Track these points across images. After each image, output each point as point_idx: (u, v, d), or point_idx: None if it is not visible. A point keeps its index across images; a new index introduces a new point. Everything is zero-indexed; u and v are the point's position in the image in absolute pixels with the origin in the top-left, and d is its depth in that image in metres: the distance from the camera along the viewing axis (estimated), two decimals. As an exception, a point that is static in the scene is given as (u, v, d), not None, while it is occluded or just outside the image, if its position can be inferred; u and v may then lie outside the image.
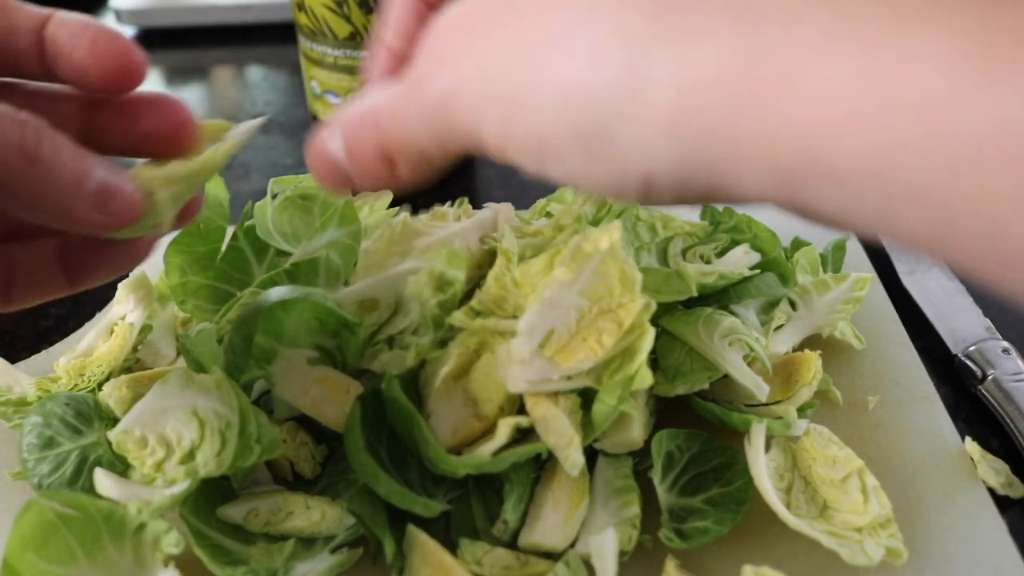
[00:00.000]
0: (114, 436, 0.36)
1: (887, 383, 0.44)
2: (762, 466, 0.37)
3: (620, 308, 0.34)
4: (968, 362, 0.46)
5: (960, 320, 0.49)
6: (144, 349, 0.47)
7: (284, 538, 0.36)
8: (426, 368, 0.38)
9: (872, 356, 0.46)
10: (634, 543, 0.35)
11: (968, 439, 0.40)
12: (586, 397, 0.36)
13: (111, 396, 0.40)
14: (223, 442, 0.34)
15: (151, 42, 0.97)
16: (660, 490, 0.37)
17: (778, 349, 0.44)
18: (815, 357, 0.41)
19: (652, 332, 0.34)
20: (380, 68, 0.32)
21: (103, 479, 0.36)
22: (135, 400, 0.38)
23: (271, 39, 0.98)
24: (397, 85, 0.28)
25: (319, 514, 0.35)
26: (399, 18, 0.31)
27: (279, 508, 0.36)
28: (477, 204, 0.50)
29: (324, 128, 0.30)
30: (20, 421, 0.42)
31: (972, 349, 0.46)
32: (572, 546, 0.36)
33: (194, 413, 0.35)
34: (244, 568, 0.33)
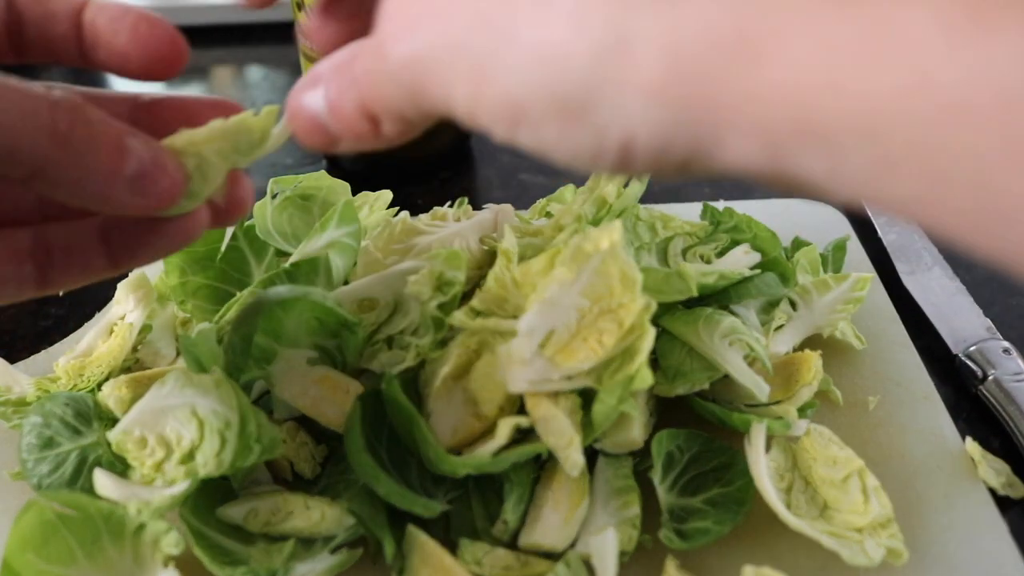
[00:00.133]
0: (114, 436, 0.36)
1: (888, 383, 0.44)
2: (762, 466, 0.36)
3: (620, 308, 0.34)
4: (969, 362, 0.45)
5: (961, 320, 0.49)
6: (144, 349, 0.47)
7: (284, 538, 0.36)
8: (426, 368, 0.38)
9: (873, 356, 0.46)
10: (634, 543, 0.35)
11: (969, 439, 0.40)
12: (586, 397, 0.36)
13: (110, 396, 0.40)
14: (223, 442, 0.34)
15: (151, 42, 0.97)
16: (660, 490, 0.37)
17: (778, 349, 0.43)
18: (815, 357, 0.41)
19: (652, 332, 0.34)
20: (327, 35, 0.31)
21: (103, 479, 0.36)
22: (134, 400, 0.38)
23: (271, 39, 0.98)
24: (368, 39, 0.26)
25: (319, 514, 0.35)
26: None
27: (279, 508, 0.36)
28: (477, 204, 0.50)
29: (302, 84, 0.28)
30: (20, 421, 0.41)
31: (973, 349, 0.46)
32: (572, 546, 0.35)
33: (193, 413, 0.35)
34: (244, 568, 0.33)
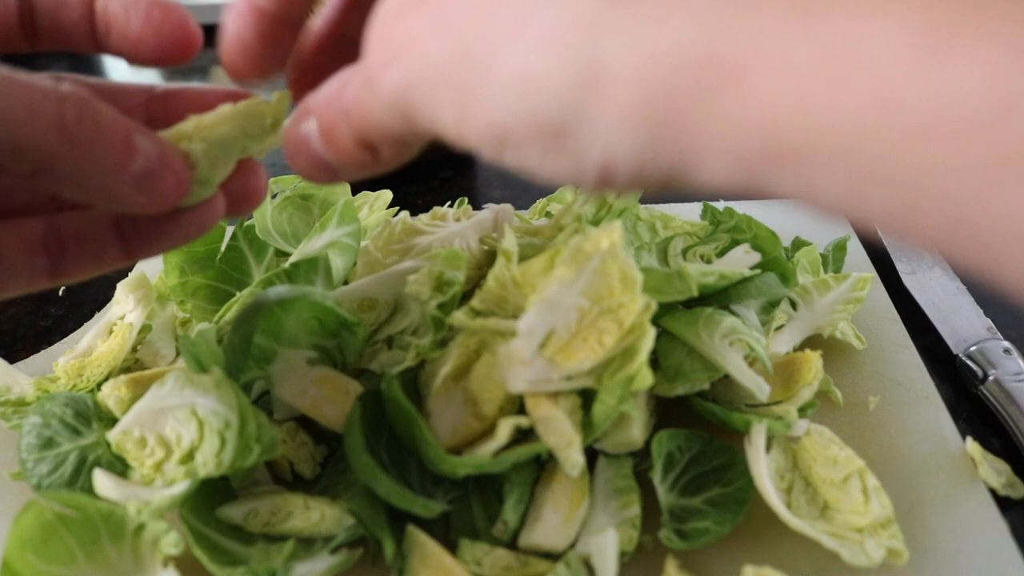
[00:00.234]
0: (113, 436, 0.36)
1: (888, 383, 0.44)
2: (763, 466, 0.36)
3: (620, 308, 0.34)
4: (969, 362, 0.45)
5: (961, 320, 0.49)
6: (143, 349, 0.47)
7: (284, 538, 0.35)
8: (426, 368, 0.38)
9: (873, 356, 0.46)
10: (634, 543, 0.35)
11: (969, 439, 0.40)
12: (586, 397, 0.36)
13: (110, 396, 0.40)
14: (222, 442, 0.34)
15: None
16: (660, 490, 0.37)
17: (779, 349, 0.43)
18: (816, 357, 0.41)
19: (652, 332, 0.34)
20: (258, 32, 0.31)
21: (102, 480, 0.36)
22: (134, 400, 0.38)
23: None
24: (356, 69, 0.26)
25: (319, 514, 0.35)
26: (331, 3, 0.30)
27: (278, 508, 0.36)
28: (477, 204, 0.50)
29: (295, 119, 0.28)
30: (19, 421, 0.41)
31: (973, 349, 0.46)
32: (572, 546, 0.35)
33: (193, 413, 0.35)
34: (243, 568, 0.33)
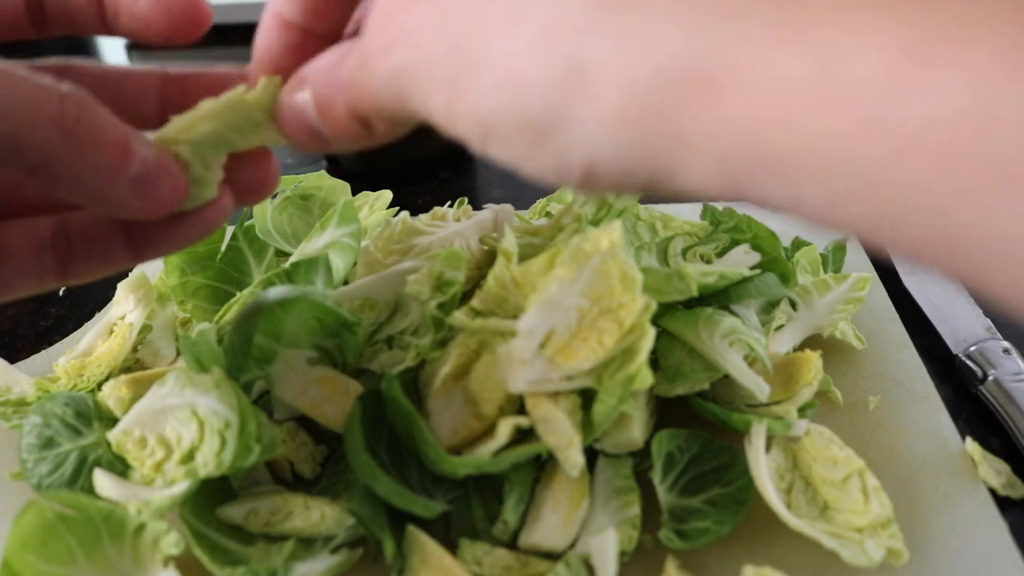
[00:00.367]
0: (114, 436, 0.36)
1: (888, 383, 0.44)
2: (763, 466, 0.36)
3: (620, 308, 0.34)
4: (969, 362, 0.45)
5: (961, 320, 0.49)
6: (144, 349, 0.47)
7: (284, 538, 0.35)
8: (426, 368, 0.38)
9: (873, 356, 0.46)
10: (634, 543, 0.35)
11: (969, 439, 0.40)
12: (586, 397, 0.36)
13: (110, 396, 0.40)
14: (223, 442, 0.34)
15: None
16: (660, 490, 0.37)
17: (779, 349, 0.43)
18: (816, 357, 0.41)
19: (652, 332, 0.34)
20: (285, 44, 0.30)
21: (103, 479, 0.36)
22: (134, 400, 0.38)
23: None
24: (352, 47, 0.26)
25: (319, 514, 0.35)
26: None
27: (279, 508, 0.36)
28: (477, 204, 0.50)
29: (289, 87, 0.28)
30: (20, 421, 0.42)
31: (973, 349, 0.46)
32: (572, 546, 0.35)
33: (193, 413, 0.35)
34: (244, 568, 0.33)
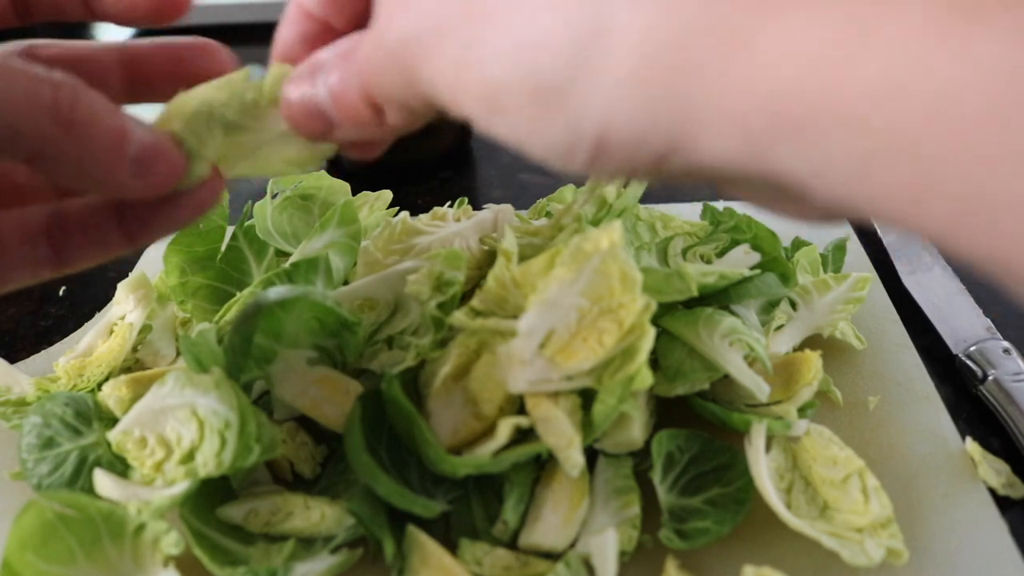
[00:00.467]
0: (114, 436, 0.36)
1: (888, 383, 0.44)
2: (763, 466, 0.36)
3: (620, 308, 0.34)
4: (969, 362, 0.45)
5: (961, 320, 0.49)
6: (144, 349, 0.47)
7: (284, 538, 0.35)
8: (426, 368, 0.38)
9: (873, 356, 0.46)
10: (634, 543, 0.35)
11: (969, 439, 0.40)
12: (586, 397, 0.36)
13: (110, 396, 0.40)
14: (223, 442, 0.34)
15: (151, 42, 0.97)
16: (660, 490, 0.37)
17: (778, 349, 0.43)
18: (816, 357, 0.41)
19: (652, 332, 0.34)
20: (303, 35, 0.30)
21: (103, 479, 0.36)
22: (134, 400, 0.38)
23: (271, 39, 0.98)
24: (367, 31, 0.26)
25: (319, 514, 0.35)
26: None
27: (279, 508, 0.36)
28: (477, 204, 0.50)
29: (302, 70, 0.27)
30: (20, 421, 0.42)
31: (973, 349, 0.46)
32: (572, 546, 0.35)
33: (193, 413, 0.35)
34: (244, 568, 0.33)
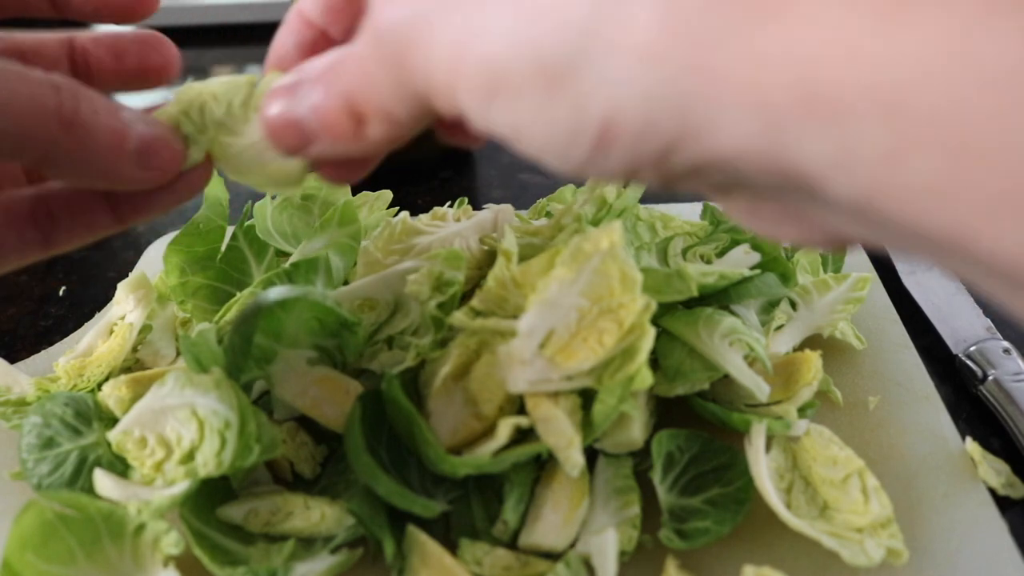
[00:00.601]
0: (114, 436, 0.36)
1: (888, 383, 0.44)
2: (762, 466, 0.36)
3: (620, 308, 0.34)
4: (969, 362, 0.45)
5: (961, 320, 0.49)
6: (144, 349, 0.47)
7: (284, 538, 0.36)
8: (426, 368, 0.38)
9: (873, 356, 0.46)
10: (634, 543, 0.35)
11: (969, 439, 0.40)
12: (586, 397, 0.36)
13: (110, 396, 0.40)
14: (223, 442, 0.34)
15: (151, 42, 0.97)
16: (660, 490, 0.37)
17: (778, 349, 0.43)
18: (816, 357, 0.41)
19: (652, 332, 0.34)
20: (298, 42, 0.30)
21: (103, 479, 0.36)
22: (135, 400, 0.38)
23: (271, 39, 0.98)
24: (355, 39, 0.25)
25: (319, 514, 0.35)
26: None
27: (279, 508, 0.36)
28: (477, 204, 0.50)
29: (286, 79, 0.27)
30: (20, 421, 0.42)
31: (973, 349, 0.46)
32: (572, 546, 0.35)
33: (193, 413, 0.35)
34: (244, 568, 0.33)
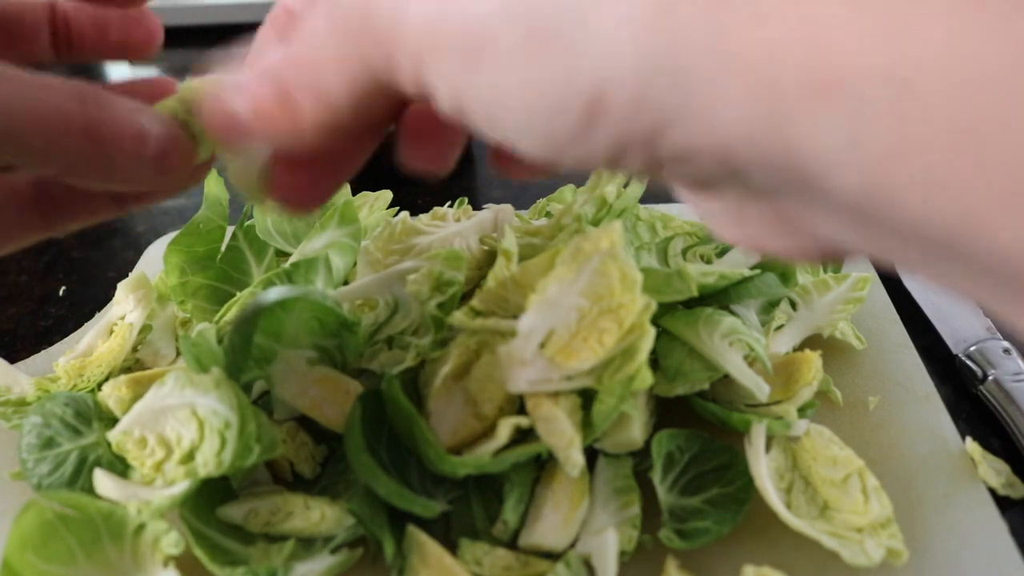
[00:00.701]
0: (114, 436, 0.36)
1: (888, 383, 0.44)
2: (763, 466, 0.36)
3: (620, 308, 0.34)
4: (969, 362, 0.45)
5: (961, 320, 0.49)
6: (144, 349, 0.47)
7: (284, 538, 0.36)
8: (426, 368, 0.38)
9: (873, 356, 0.46)
10: (634, 543, 0.35)
11: (969, 439, 0.40)
12: (586, 397, 0.36)
13: (110, 396, 0.40)
14: (223, 442, 0.34)
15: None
16: (660, 490, 0.37)
17: (778, 349, 0.43)
18: (816, 357, 0.41)
19: (652, 332, 0.34)
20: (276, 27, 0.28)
21: (103, 479, 0.36)
22: (135, 400, 0.38)
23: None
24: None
25: (319, 514, 0.35)
26: None
27: (279, 508, 0.36)
28: (477, 204, 0.50)
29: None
30: (20, 421, 0.42)
31: (973, 349, 0.46)
32: (572, 546, 0.35)
33: (193, 413, 0.35)
34: (244, 568, 0.33)
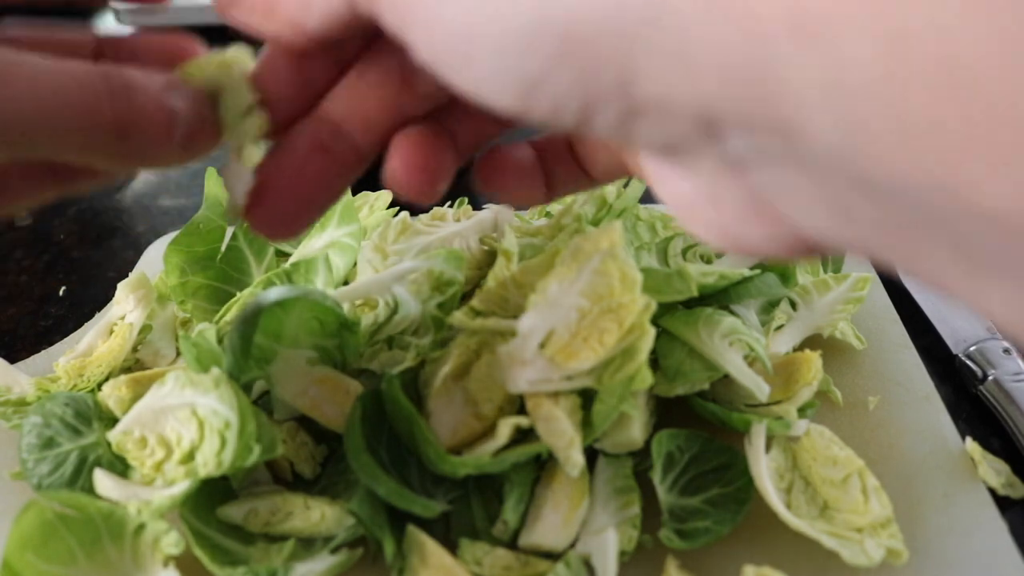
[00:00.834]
0: (114, 436, 0.36)
1: (888, 383, 0.44)
2: (762, 466, 0.36)
3: (620, 308, 0.34)
4: (969, 362, 0.45)
5: (961, 320, 0.49)
6: (144, 349, 0.47)
7: (284, 538, 0.36)
8: (426, 368, 0.38)
9: (873, 356, 0.46)
10: (634, 543, 0.35)
11: (969, 439, 0.40)
12: (586, 397, 0.36)
13: (111, 396, 0.40)
14: (223, 442, 0.34)
15: (151, 42, 0.97)
16: (660, 490, 0.37)
17: (778, 349, 0.43)
18: (815, 357, 0.41)
19: (652, 332, 0.34)
20: None
21: (103, 479, 0.36)
22: (135, 400, 0.38)
23: (271, 39, 0.98)
24: None
25: (319, 514, 0.35)
26: None
27: (278, 508, 0.36)
28: (477, 204, 0.50)
29: None
30: (20, 421, 0.42)
31: (973, 349, 0.46)
32: (572, 546, 0.35)
33: (193, 413, 0.35)
34: (244, 568, 0.33)
